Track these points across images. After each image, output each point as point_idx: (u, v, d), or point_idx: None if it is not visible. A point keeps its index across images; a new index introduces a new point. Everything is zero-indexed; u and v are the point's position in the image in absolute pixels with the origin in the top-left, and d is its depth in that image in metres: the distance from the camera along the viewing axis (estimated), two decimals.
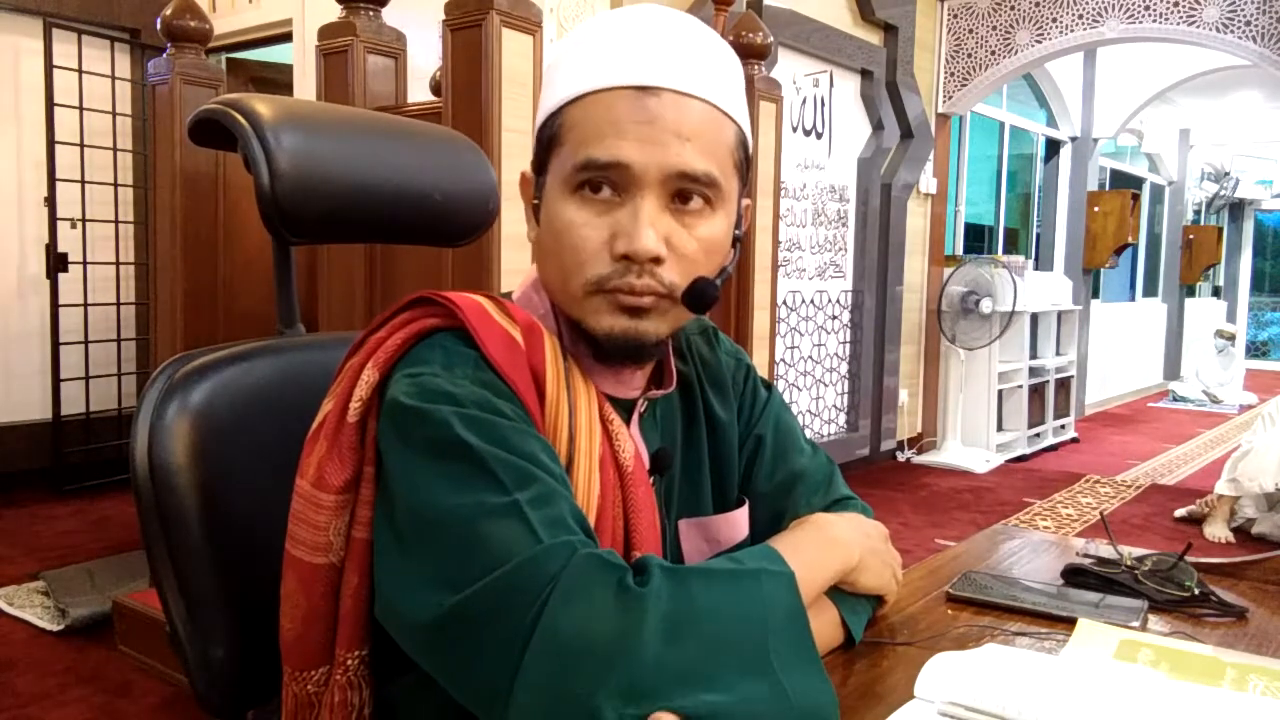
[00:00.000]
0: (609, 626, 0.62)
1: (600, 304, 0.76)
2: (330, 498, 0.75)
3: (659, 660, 0.62)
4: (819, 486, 0.93)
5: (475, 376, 0.72)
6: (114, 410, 4.51)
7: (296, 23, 4.30)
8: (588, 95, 0.75)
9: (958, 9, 5.75)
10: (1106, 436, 6.82)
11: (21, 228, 4.42)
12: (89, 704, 2.34)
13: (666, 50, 0.75)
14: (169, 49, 2.61)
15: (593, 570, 0.64)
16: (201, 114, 1.00)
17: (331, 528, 0.76)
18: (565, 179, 0.75)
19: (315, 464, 0.76)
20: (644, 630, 0.62)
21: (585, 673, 0.61)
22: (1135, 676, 0.78)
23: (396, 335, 0.77)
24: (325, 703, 0.78)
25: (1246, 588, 1.04)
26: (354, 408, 0.75)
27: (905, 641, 0.88)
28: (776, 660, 0.64)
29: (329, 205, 1.00)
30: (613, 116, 0.73)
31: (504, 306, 0.78)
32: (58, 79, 4.18)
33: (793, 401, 4.84)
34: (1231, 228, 11.91)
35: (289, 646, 0.79)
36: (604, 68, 0.75)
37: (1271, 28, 4.85)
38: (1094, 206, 7.40)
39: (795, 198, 4.70)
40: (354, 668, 0.77)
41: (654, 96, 0.74)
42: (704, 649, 0.63)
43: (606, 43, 0.76)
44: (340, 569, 0.77)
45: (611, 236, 0.74)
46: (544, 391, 0.75)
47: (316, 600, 0.77)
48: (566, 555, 0.64)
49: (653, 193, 0.74)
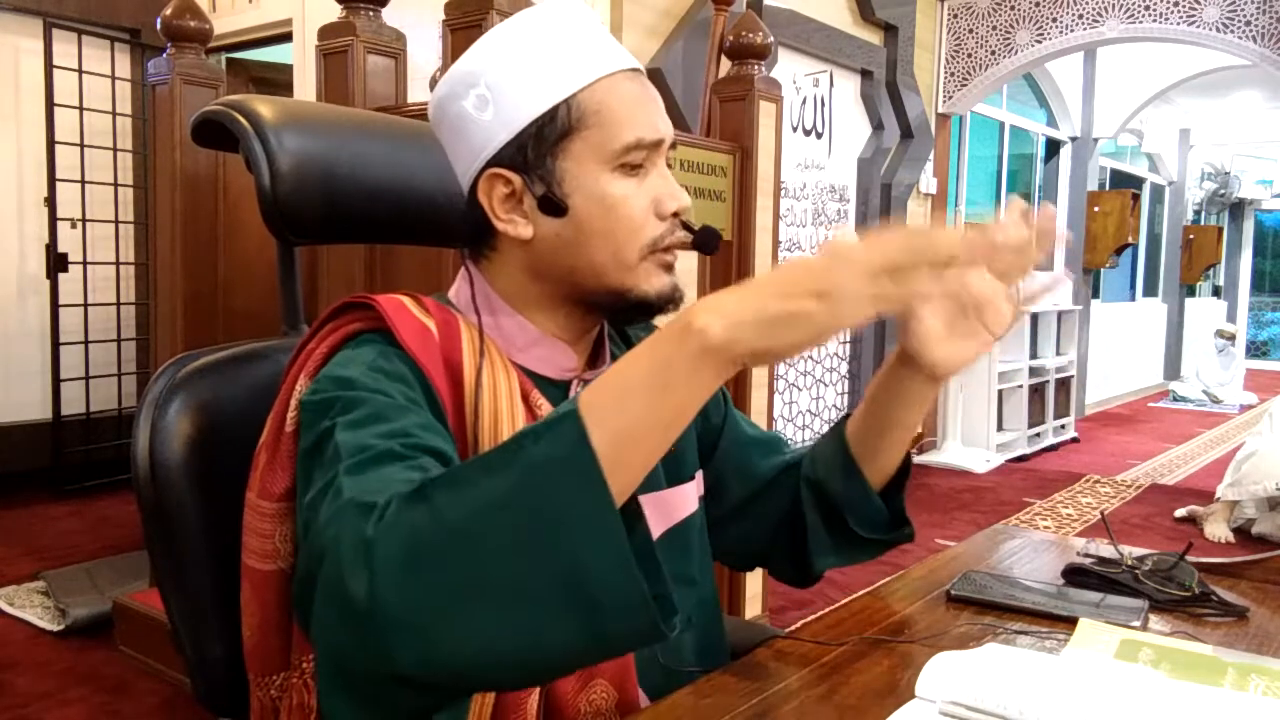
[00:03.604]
0: (349, 588, 0.56)
1: (651, 267, 0.83)
2: (272, 505, 0.79)
3: (400, 609, 0.55)
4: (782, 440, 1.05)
5: (373, 363, 0.75)
6: (114, 410, 4.51)
7: (296, 23, 4.29)
8: (601, 81, 0.80)
9: (958, 9, 5.75)
10: (1107, 436, 6.82)
11: (21, 228, 4.42)
12: (89, 704, 2.34)
13: (612, 38, 0.85)
14: (169, 49, 2.60)
15: (345, 523, 0.60)
16: (203, 115, 1.01)
17: (277, 534, 0.79)
18: (605, 159, 0.80)
19: (259, 475, 0.80)
20: (376, 584, 0.56)
21: (348, 640, 0.58)
22: (1136, 676, 0.78)
23: (324, 343, 0.81)
24: (284, 707, 0.80)
25: (1247, 587, 1.04)
26: (290, 417, 0.79)
27: (906, 641, 0.88)
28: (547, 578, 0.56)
29: (330, 206, 1.00)
30: (634, 97, 0.81)
31: (421, 303, 0.82)
32: (58, 79, 4.18)
33: (793, 401, 4.84)
34: (1231, 227, 11.90)
35: (250, 653, 0.82)
36: (601, 55, 0.81)
37: (1271, 27, 4.85)
38: (1094, 206, 7.40)
39: (795, 198, 4.70)
40: (310, 671, 0.78)
41: (642, 77, 0.84)
42: (450, 583, 0.56)
43: (584, 34, 0.82)
44: (290, 576, 0.79)
45: (654, 202, 0.82)
46: (460, 378, 0.79)
47: (270, 607, 0.80)
48: (339, 517, 0.61)
49: (664, 159, 0.84)
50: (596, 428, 0.57)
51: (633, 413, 0.59)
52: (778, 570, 1.03)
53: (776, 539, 0.99)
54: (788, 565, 1.00)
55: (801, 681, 0.80)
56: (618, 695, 0.83)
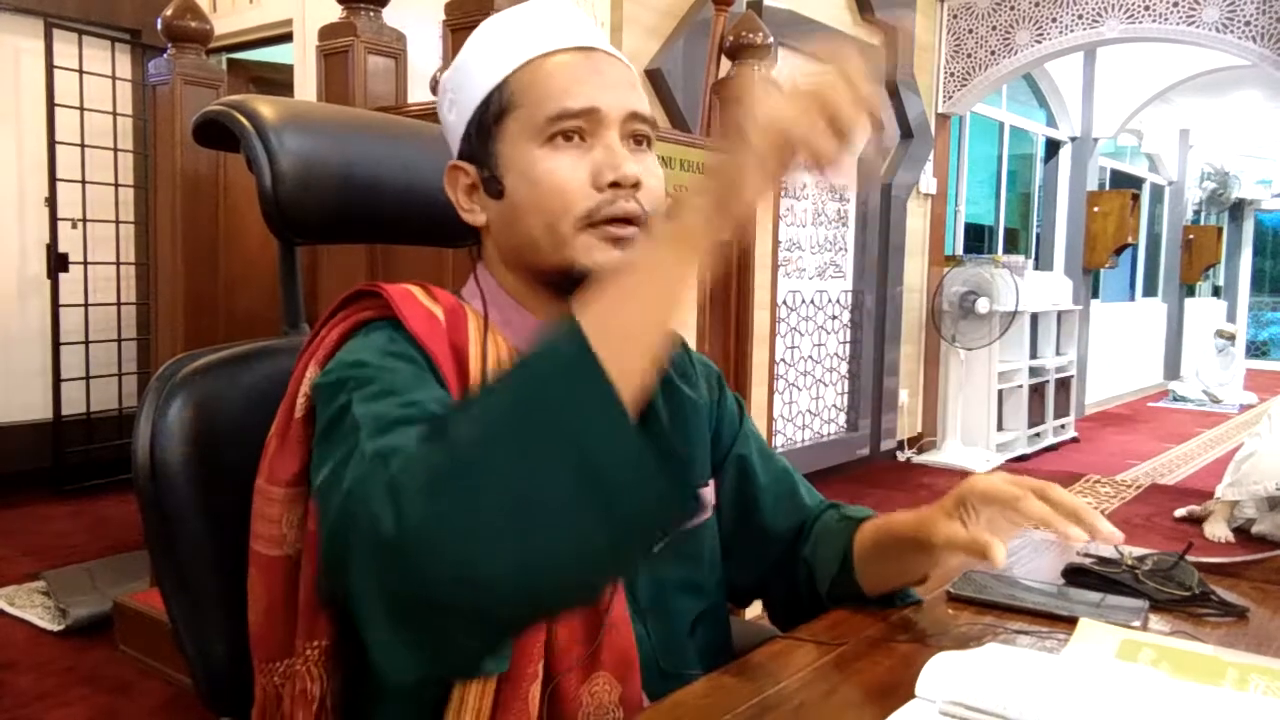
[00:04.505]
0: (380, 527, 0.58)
1: (590, 239, 0.80)
2: (281, 490, 0.80)
3: (426, 531, 0.57)
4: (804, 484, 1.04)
5: (384, 347, 0.77)
6: (114, 410, 4.51)
7: (297, 23, 4.29)
8: (535, 60, 0.81)
9: (958, 9, 5.75)
10: (1107, 436, 6.82)
11: (22, 228, 4.42)
12: (89, 704, 2.34)
13: (586, 23, 0.85)
14: (169, 49, 2.60)
15: (371, 475, 0.62)
16: (205, 115, 1.01)
17: (284, 520, 0.80)
18: (534, 135, 0.80)
19: (269, 461, 0.81)
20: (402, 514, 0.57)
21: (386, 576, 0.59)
22: (1136, 676, 0.78)
23: (335, 331, 0.82)
24: (287, 693, 0.80)
25: (1247, 587, 1.04)
26: (300, 403, 0.80)
27: (906, 640, 0.88)
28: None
29: (331, 206, 1.00)
30: (570, 71, 0.81)
31: (430, 291, 0.84)
32: (58, 79, 4.18)
33: (792, 401, 4.84)
34: (1231, 227, 11.90)
35: (255, 640, 0.82)
36: (541, 37, 0.82)
37: (1271, 28, 4.85)
38: (1094, 206, 7.39)
39: (795, 197, 4.70)
40: (314, 658, 0.79)
41: (596, 54, 0.83)
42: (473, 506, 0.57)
43: (530, 21, 0.83)
44: (297, 562, 0.80)
45: (593, 174, 0.80)
46: (466, 363, 0.80)
47: (276, 592, 0.81)
48: (366, 474, 0.63)
49: (616, 132, 0.81)
50: (590, 325, 0.60)
51: (624, 312, 0.63)
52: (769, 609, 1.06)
53: (768, 588, 1.03)
54: (780, 611, 1.04)
55: (801, 681, 0.80)
56: (621, 689, 0.83)
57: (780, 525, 1.00)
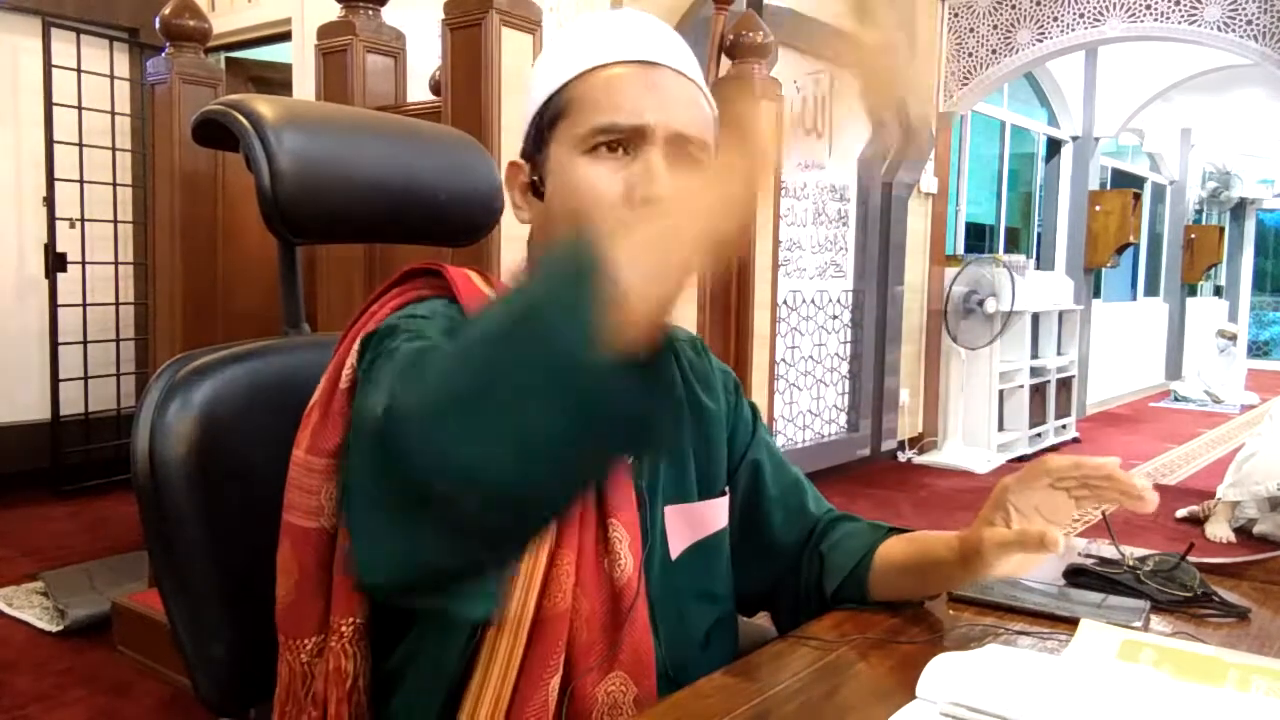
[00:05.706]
0: (376, 415, 0.58)
1: None
2: (322, 461, 0.79)
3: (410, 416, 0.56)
4: (813, 493, 1.03)
5: (442, 311, 0.78)
6: (113, 410, 4.50)
7: (296, 22, 4.29)
8: (594, 70, 0.82)
9: (958, 8, 5.75)
10: (1108, 436, 6.82)
11: (20, 228, 4.41)
12: (89, 704, 2.34)
13: (657, 37, 0.84)
14: (168, 48, 2.60)
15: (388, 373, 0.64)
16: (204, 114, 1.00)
17: (323, 491, 0.79)
18: (578, 143, 0.81)
19: (310, 433, 0.80)
20: (393, 403, 0.57)
21: (372, 459, 0.58)
22: (1138, 677, 0.78)
23: (387, 306, 0.83)
24: (320, 672, 0.80)
25: (1248, 588, 1.04)
26: (345, 374, 0.79)
27: (907, 641, 0.87)
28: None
29: (331, 206, 1.00)
30: (623, 85, 0.81)
31: (488, 278, 0.85)
32: (56, 78, 4.18)
33: (793, 401, 4.84)
34: (1233, 227, 11.90)
35: (283, 615, 0.81)
36: (605, 47, 0.82)
37: (1273, 27, 4.84)
38: (1095, 206, 7.39)
39: (795, 197, 4.70)
40: (349, 635, 0.78)
41: (655, 70, 0.82)
42: None
43: (601, 31, 0.84)
44: (333, 535, 0.79)
45: (628, 188, 0.80)
46: None
47: (309, 565, 0.80)
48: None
49: (659, 150, 0.80)
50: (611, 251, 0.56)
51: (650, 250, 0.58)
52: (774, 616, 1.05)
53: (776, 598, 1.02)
54: (785, 618, 1.03)
55: (802, 682, 0.79)
56: (636, 689, 0.82)
57: (788, 539, 1.00)
